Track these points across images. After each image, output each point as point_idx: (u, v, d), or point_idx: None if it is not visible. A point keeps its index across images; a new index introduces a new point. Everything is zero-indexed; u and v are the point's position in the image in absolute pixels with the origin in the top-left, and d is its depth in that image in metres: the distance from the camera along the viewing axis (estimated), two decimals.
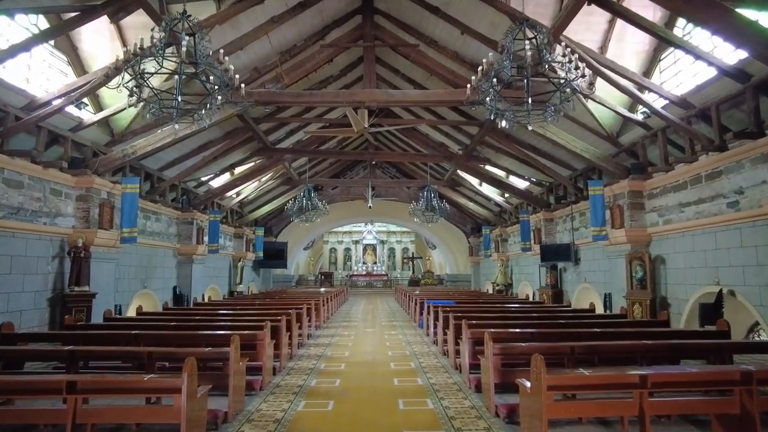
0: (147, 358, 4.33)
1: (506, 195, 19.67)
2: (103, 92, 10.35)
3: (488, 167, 17.12)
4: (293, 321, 7.68)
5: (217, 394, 4.65)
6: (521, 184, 17.38)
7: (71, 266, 9.28)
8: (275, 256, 24.21)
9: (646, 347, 4.82)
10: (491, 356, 4.51)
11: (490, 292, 20.74)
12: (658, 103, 9.46)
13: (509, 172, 16.79)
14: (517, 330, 6.15)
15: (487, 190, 20.15)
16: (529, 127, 6.06)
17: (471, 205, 22.64)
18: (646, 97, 9.49)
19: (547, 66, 5.57)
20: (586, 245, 13.69)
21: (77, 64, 9.61)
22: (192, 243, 15.17)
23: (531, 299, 15.35)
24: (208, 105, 5.53)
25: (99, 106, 10.37)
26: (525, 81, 5.47)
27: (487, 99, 5.67)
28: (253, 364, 5.66)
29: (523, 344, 4.69)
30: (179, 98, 5.44)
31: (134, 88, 5.69)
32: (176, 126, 5.63)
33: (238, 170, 17.05)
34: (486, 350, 4.69)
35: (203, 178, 16.13)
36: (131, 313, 12.17)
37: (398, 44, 11.01)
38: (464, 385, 6.05)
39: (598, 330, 5.88)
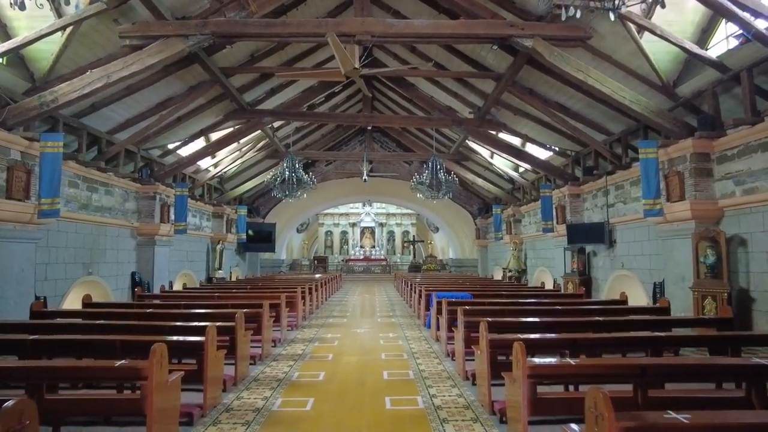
0: None
1: (521, 169, 17.22)
2: (14, 20, 7.90)
3: (503, 135, 14.64)
4: (238, 329, 5.16)
5: None
6: (542, 154, 14.92)
7: None
8: (262, 238, 21.92)
9: None
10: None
11: (502, 279, 18.39)
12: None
13: (528, 140, 14.30)
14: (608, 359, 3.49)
15: (500, 163, 17.69)
16: (615, 15, 3.64)
17: (480, 181, 20.17)
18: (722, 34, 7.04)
19: None
20: (624, 224, 11.35)
21: None
22: (155, 221, 12.80)
23: (561, 290, 13.01)
24: None
25: (7, 36, 7.90)
26: None
27: None
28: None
29: (678, 418, 2.20)
30: None
31: None
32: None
33: (215, 138, 14.60)
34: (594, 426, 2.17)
35: (170, 146, 13.67)
36: (67, 305, 9.87)
37: None
38: None
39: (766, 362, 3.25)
